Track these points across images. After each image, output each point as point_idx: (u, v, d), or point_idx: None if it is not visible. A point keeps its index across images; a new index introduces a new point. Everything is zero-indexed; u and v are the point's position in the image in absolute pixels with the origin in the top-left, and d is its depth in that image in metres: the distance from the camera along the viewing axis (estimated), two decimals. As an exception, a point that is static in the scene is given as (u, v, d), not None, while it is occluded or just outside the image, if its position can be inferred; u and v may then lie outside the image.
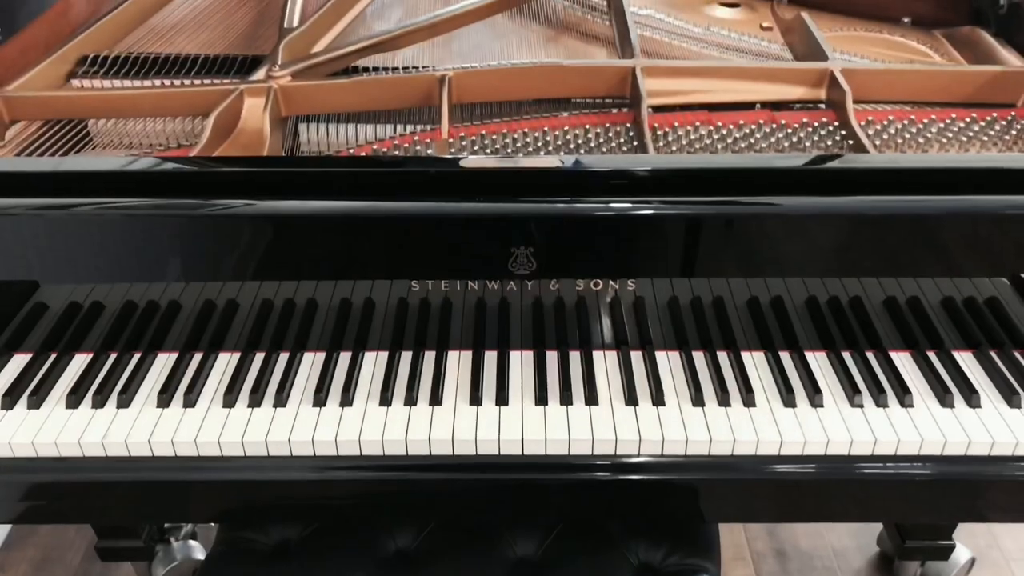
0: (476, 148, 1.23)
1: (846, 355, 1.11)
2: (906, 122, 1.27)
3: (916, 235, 1.05)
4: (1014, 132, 1.25)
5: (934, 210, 1.03)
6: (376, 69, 1.40)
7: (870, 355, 1.12)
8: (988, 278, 1.11)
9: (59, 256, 1.07)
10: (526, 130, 1.26)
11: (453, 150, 1.23)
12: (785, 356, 1.12)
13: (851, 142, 1.21)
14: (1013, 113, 1.28)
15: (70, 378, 1.10)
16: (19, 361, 1.13)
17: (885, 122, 1.27)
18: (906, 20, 1.58)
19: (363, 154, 1.22)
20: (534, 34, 1.58)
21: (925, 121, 1.27)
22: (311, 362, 1.12)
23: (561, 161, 1.06)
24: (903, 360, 1.12)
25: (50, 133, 1.26)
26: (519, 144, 1.24)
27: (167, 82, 1.36)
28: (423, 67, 1.38)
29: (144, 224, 1.04)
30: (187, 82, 1.35)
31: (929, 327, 1.13)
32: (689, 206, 1.03)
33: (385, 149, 1.23)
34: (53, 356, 1.14)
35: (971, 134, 1.25)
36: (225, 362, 1.13)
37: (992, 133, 1.25)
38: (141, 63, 1.39)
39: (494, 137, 1.25)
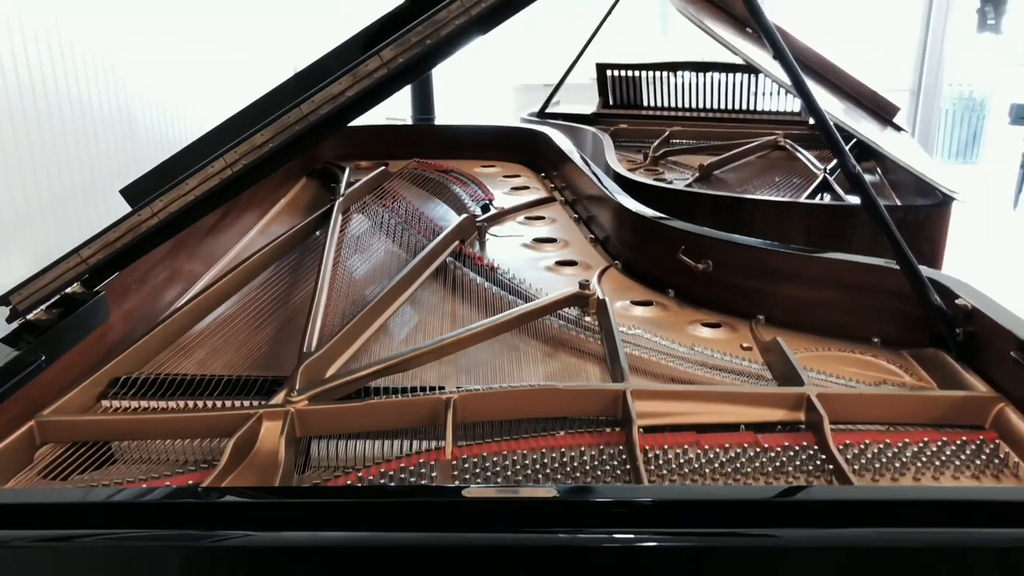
0: (478, 470, 1.30)
1: None
2: (882, 445, 1.35)
3: (912, 565, 1.07)
4: (984, 456, 1.33)
5: (926, 543, 1.04)
6: (387, 391, 1.51)
7: None
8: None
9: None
10: (525, 451, 1.34)
11: (456, 472, 1.30)
12: None
13: (831, 467, 1.28)
14: (982, 436, 1.37)
15: None
16: None
17: (862, 446, 1.35)
18: (876, 340, 1.72)
19: (370, 478, 1.29)
20: (533, 350, 1.72)
21: (899, 445, 1.35)
22: None
23: (557, 492, 1.12)
24: None
25: (76, 454, 1.34)
26: (519, 466, 1.31)
27: (191, 403, 1.46)
28: (429, 387, 1.49)
29: (147, 554, 1.07)
30: (210, 403, 1.46)
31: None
32: (684, 538, 1.07)
33: (392, 472, 1.30)
34: None
35: (944, 458, 1.32)
36: None
37: (964, 457, 1.33)
38: (168, 384, 1.50)
39: (495, 459, 1.32)
